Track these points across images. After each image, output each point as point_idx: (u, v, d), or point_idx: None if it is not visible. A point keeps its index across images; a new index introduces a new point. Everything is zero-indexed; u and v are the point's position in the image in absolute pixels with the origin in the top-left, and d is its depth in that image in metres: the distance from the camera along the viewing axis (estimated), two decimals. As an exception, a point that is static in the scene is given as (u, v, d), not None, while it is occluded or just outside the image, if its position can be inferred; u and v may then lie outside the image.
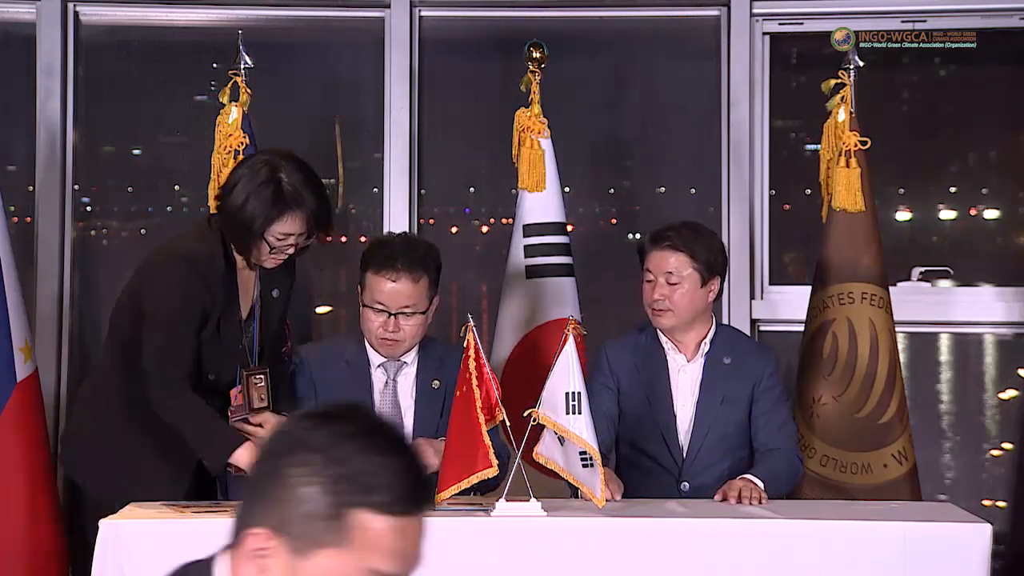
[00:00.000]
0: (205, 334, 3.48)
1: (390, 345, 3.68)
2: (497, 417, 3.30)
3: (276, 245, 3.46)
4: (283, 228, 3.45)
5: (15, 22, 5.26)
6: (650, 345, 3.86)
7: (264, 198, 3.42)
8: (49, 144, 5.15)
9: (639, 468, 3.81)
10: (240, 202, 3.43)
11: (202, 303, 3.45)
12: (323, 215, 3.50)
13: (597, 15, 5.31)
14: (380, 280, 3.63)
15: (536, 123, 4.53)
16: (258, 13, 5.30)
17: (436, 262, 3.71)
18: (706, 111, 5.26)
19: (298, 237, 3.49)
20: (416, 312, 3.65)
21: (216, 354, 3.51)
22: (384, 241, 3.77)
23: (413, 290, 3.63)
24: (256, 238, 3.44)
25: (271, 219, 3.43)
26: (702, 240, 3.82)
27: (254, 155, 3.60)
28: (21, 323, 4.44)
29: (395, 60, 5.23)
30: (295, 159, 3.55)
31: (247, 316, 3.60)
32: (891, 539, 3.16)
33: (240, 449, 3.40)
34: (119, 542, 3.12)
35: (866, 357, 4.40)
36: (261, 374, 3.57)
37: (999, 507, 5.20)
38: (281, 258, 3.52)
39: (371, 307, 3.65)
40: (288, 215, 3.44)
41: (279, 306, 3.69)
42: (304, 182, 3.48)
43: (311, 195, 3.48)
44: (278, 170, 3.46)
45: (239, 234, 3.46)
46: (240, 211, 3.43)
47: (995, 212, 5.37)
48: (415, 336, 3.69)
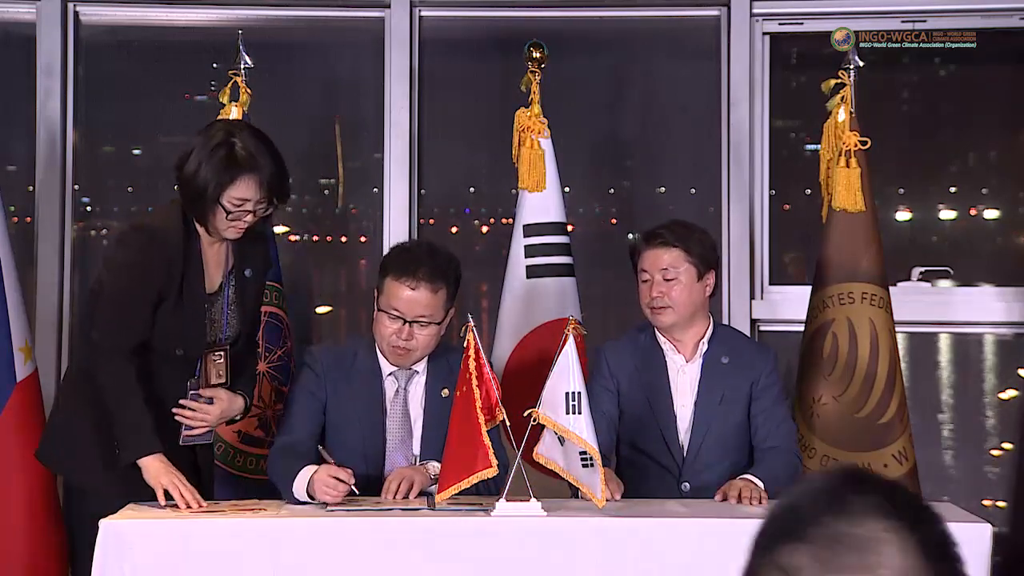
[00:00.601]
0: (166, 307, 3.43)
1: (401, 354, 3.64)
2: (497, 417, 3.30)
3: (232, 211, 3.40)
4: (238, 193, 3.40)
5: (15, 22, 5.26)
6: (649, 346, 3.86)
7: (218, 162, 3.39)
8: (49, 144, 5.15)
9: (639, 468, 3.81)
10: (195, 168, 3.40)
11: (157, 276, 3.41)
12: (279, 181, 3.45)
13: (597, 15, 5.32)
14: (399, 287, 3.59)
15: (536, 123, 4.53)
16: (258, 13, 5.30)
17: (457, 274, 3.68)
18: (706, 111, 5.26)
19: (255, 204, 3.43)
20: (432, 323, 3.61)
21: (179, 327, 3.46)
22: (407, 247, 3.74)
23: (431, 300, 3.59)
24: (211, 203, 3.39)
25: (225, 183, 3.38)
26: (694, 235, 3.83)
27: (211, 123, 3.56)
28: (21, 323, 4.44)
29: (395, 60, 5.23)
30: (251, 127, 3.52)
31: (216, 291, 3.55)
32: (891, 539, 3.16)
33: (150, 457, 3.35)
34: (119, 542, 3.12)
35: (866, 357, 4.40)
36: (220, 351, 3.54)
37: (999, 507, 5.20)
38: (241, 226, 3.45)
39: (387, 312, 3.61)
40: (242, 178, 3.39)
41: (253, 287, 3.63)
42: (259, 147, 3.43)
43: (266, 160, 3.43)
44: (233, 135, 3.43)
45: (195, 200, 3.42)
46: (195, 177, 3.40)
47: (995, 212, 5.37)
48: (427, 347, 3.65)
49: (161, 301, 3.44)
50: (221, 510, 3.34)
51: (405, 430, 3.67)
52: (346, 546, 3.16)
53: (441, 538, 3.18)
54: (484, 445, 3.22)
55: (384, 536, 3.17)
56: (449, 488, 3.27)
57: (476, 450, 3.23)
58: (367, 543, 3.17)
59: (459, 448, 3.27)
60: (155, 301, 3.43)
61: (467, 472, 3.25)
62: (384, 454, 3.65)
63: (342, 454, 3.59)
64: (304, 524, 3.19)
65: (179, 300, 3.45)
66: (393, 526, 3.20)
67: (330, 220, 5.44)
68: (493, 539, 3.19)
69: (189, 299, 3.47)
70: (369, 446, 3.64)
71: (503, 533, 3.19)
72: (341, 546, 3.16)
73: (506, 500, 3.25)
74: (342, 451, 3.61)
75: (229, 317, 3.57)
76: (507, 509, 3.23)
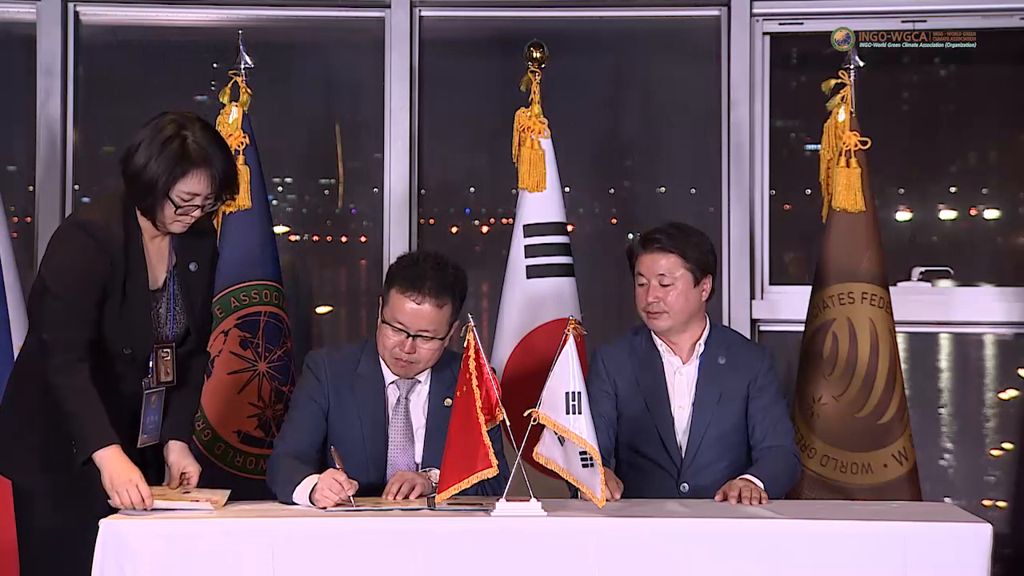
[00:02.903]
0: (111, 304, 3.37)
1: (403, 366, 3.62)
2: (497, 417, 3.30)
3: (181, 205, 3.33)
4: (188, 187, 3.33)
5: (15, 22, 5.27)
6: (645, 348, 3.86)
7: (169, 155, 3.31)
8: (49, 144, 5.15)
9: (638, 470, 3.81)
10: (144, 161, 3.32)
11: (99, 271, 3.33)
12: (229, 177, 3.39)
13: (597, 15, 5.32)
14: (404, 300, 3.56)
15: (536, 123, 4.53)
16: (258, 13, 5.31)
17: (463, 289, 3.64)
18: (706, 111, 5.27)
19: (204, 199, 3.36)
20: (435, 338, 3.58)
21: (124, 324, 3.40)
22: (414, 260, 3.67)
23: (436, 315, 3.56)
24: (161, 197, 3.32)
25: (176, 177, 3.31)
26: (691, 240, 3.81)
27: (158, 116, 3.50)
28: (21, 323, 4.44)
29: (395, 60, 5.23)
30: (201, 120, 3.43)
31: (160, 287, 3.48)
32: (891, 539, 3.16)
33: (106, 449, 3.26)
34: (119, 542, 3.12)
35: (866, 357, 4.40)
36: (168, 348, 3.48)
37: (999, 507, 5.21)
38: (187, 221, 3.39)
39: (391, 324, 3.58)
40: (193, 173, 3.32)
41: (200, 281, 3.54)
42: (211, 141, 3.37)
43: (218, 155, 3.36)
44: (184, 128, 3.35)
45: (143, 194, 3.34)
46: (144, 170, 3.32)
47: (995, 212, 5.37)
48: (430, 360, 3.62)
49: (106, 298, 3.36)
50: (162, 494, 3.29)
51: (407, 438, 3.66)
52: (346, 546, 3.16)
53: (441, 538, 3.18)
54: (484, 445, 3.22)
55: (384, 536, 3.17)
56: (449, 488, 3.27)
57: (476, 450, 3.23)
58: (367, 543, 3.17)
59: (459, 448, 3.27)
60: (100, 298, 3.35)
61: (467, 472, 3.25)
62: (386, 462, 3.64)
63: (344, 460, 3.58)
64: (304, 524, 3.19)
65: (123, 297, 3.37)
66: (393, 526, 3.20)
67: (330, 220, 5.44)
68: (493, 539, 3.19)
69: (133, 295, 3.39)
70: (371, 454, 3.63)
71: (503, 533, 3.19)
72: (341, 546, 3.16)
73: (506, 500, 3.25)
74: (344, 457, 3.59)
75: (176, 313, 3.50)
76: (507, 509, 3.23)
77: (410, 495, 3.43)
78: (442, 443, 3.43)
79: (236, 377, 4.45)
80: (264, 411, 4.48)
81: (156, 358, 3.46)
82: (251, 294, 4.51)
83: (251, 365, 4.48)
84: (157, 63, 5.34)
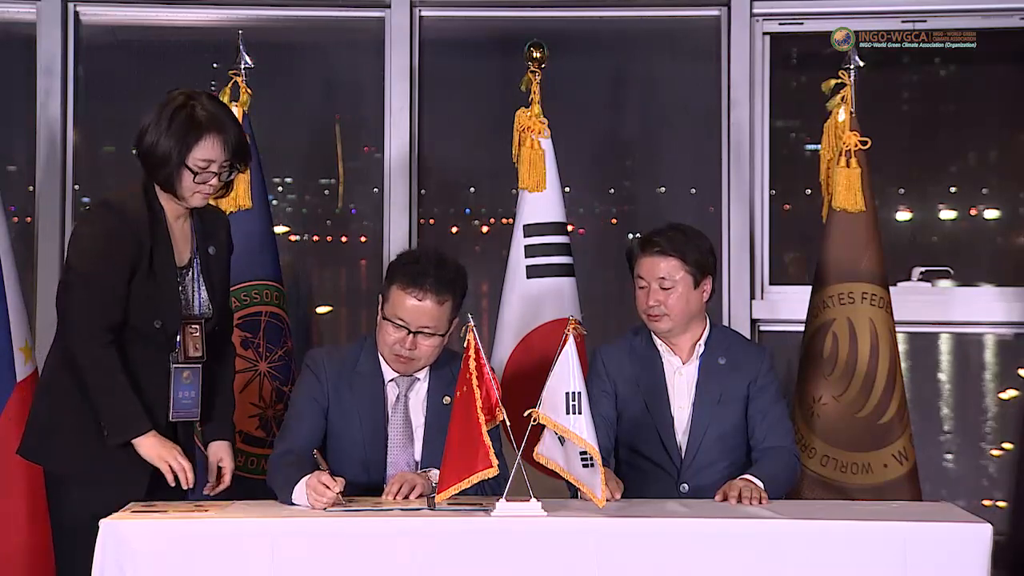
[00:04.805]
0: (139, 279, 3.42)
1: (404, 362, 3.63)
2: (497, 417, 3.30)
3: (199, 171, 3.41)
4: (203, 153, 3.41)
5: (15, 22, 5.27)
6: (645, 349, 3.86)
7: (180, 124, 3.40)
8: (49, 144, 5.15)
9: (638, 471, 3.81)
10: (157, 135, 3.41)
11: (125, 249, 3.40)
12: (241, 143, 3.47)
13: (597, 15, 5.32)
14: (405, 297, 3.58)
15: (536, 123, 4.53)
16: (258, 13, 5.31)
17: (463, 286, 3.66)
18: (706, 111, 5.27)
19: (220, 166, 3.44)
20: (435, 334, 3.60)
21: (154, 299, 3.45)
22: (415, 257, 3.69)
23: (437, 312, 3.58)
24: (177, 166, 3.40)
25: (190, 144, 3.40)
26: (691, 242, 3.81)
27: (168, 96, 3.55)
28: (21, 323, 4.44)
29: (395, 60, 5.24)
30: (208, 94, 3.54)
31: (186, 265, 3.54)
32: (891, 539, 3.16)
33: (144, 437, 3.36)
34: (119, 542, 3.12)
35: (866, 357, 4.40)
36: (197, 324, 3.54)
37: (999, 507, 5.21)
38: (206, 191, 3.46)
39: (391, 321, 3.60)
40: (207, 138, 3.41)
41: (218, 265, 3.62)
42: (219, 108, 3.47)
43: (228, 120, 3.46)
44: (192, 98, 3.45)
45: (159, 166, 3.42)
46: (157, 143, 3.41)
47: (995, 212, 5.37)
48: (430, 357, 3.64)
49: (133, 274, 3.41)
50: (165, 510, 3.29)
51: (406, 436, 3.66)
52: (346, 546, 3.16)
53: (441, 538, 3.18)
54: (484, 445, 3.22)
55: (384, 536, 3.17)
56: (449, 488, 3.27)
57: (476, 450, 3.23)
58: (367, 543, 3.17)
59: (459, 448, 3.27)
60: (128, 275, 3.41)
61: (467, 472, 3.25)
62: (386, 460, 3.65)
63: (343, 459, 3.58)
64: (304, 524, 3.20)
65: (151, 272, 3.43)
66: (393, 526, 3.20)
67: (330, 220, 5.44)
68: (493, 539, 3.19)
69: (161, 270, 3.45)
70: (371, 452, 3.63)
71: (503, 533, 3.19)
72: (341, 546, 3.16)
73: (506, 500, 3.25)
74: (343, 456, 3.60)
75: (200, 291, 3.56)
76: (507, 509, 3.23)
77: (410, 495, 3.43)
78: (441, 441, 3.44)
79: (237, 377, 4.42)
80: (265, 411, 4.48)
81: (184, 334, 3.52)
82: (251, 294, 4.51)
83: (252, 365, 4.48)
84: (157, 63, 5.34)
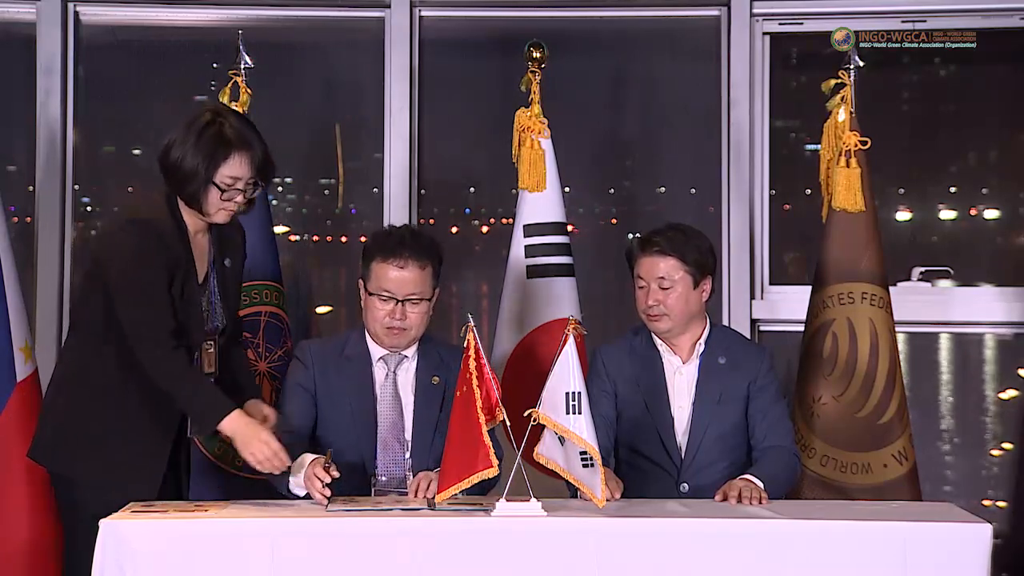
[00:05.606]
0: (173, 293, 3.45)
1: (397, 334, 3.70)
2: (497, 417, 3.30)
3: (226, 188, 3.43)
4: (231, 170, 3.43)
5: (15, 22, 5.27)
6: (645, 348, 3.86)
7: (208, 141, 3.42)
8: (49, 144, 5.15)
9: (638, 470, 3.81)
10: (183, 151, 3.43)
11: (165, 262, 3.43)
12: (267, 161, 3.50)
13: (597, 15, 5.32)
14: (388, 268, 3.68)
15: (536, 123, 4.53)
16: (258, 13, 5.31)
17: (439, 253, 3.77)
18: (706, 111, 5.27)
19: (246, 183, 3.46)
20: (422, 299, 3.70)
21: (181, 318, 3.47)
22: (388, 231, 3.82)
23: (420, 277, 3.68)
24: (204, 183, 3.42)
25: (218, 161, 3.42)
26: (690, 242, 3.81)
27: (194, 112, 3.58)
28: (21, 323, 4.44)
29: (395, 60, 5.24)
30: (234, 111, 3.57)
31: (203, 282, 3.57)
32: (891, 539, 3.16)
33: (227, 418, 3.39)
34: (119, 542, 3.12)
35: (866, 357, 4.40)
36: (211, 341, 3.57)
37: (999, 507, 5.21)
38: (232, 208, 3.48)
39: (377, 295, 3.69)
40: (235, 155, 3.43)
41: (233, 278, 3.66)
42: (246, 127, 3.49)
43: (255, 139, 3.49)
44: (219, 115, 3.48)
45: (185, 183, 3.44)
46: (185, 159, 3.43)
47: (995, 212, 5.37)
48: (420, 325, 3.72)
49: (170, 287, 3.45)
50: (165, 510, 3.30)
51: (396, 413, 3.72)
52: (346, 546, 3.16)
53: (441, 538, 3.18)
54: (485, 445, 3.22)
55: (384, 536, 3.17)
56: (449, 488, 3.27)
57: (476, 450, 3.23)
58: (367, 543, 3.17)
59: (459, 448, 3.27)
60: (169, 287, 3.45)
61: (467, 472, 3.25)
62: (376, 438, 3.68)
63: (335, 439, 3.65)
64: (304, 524, 3.20)
65: (180, 291, 3.47)
66: (393, 526, 3.20)
67: (330, 220, 5.44)
68: (493, 539, 3.19)
69: (188, 290, 3.49)
70: (361, 430, 3.69)
71: (503, 533, 3.19)
72: (341, 546, 3.16)
73: (506, 500, 3.25)
74: (335, 436, 3.67)
75: (216, 307, 3.59)
76: (507, 509, 3.23)
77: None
78: (431, 418, 3.59)
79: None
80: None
81: (200, 351, 3.56)
82: (251, 294, 4.51)
83: (252, 365, 4.47)
84: (157, 63, 5.34)
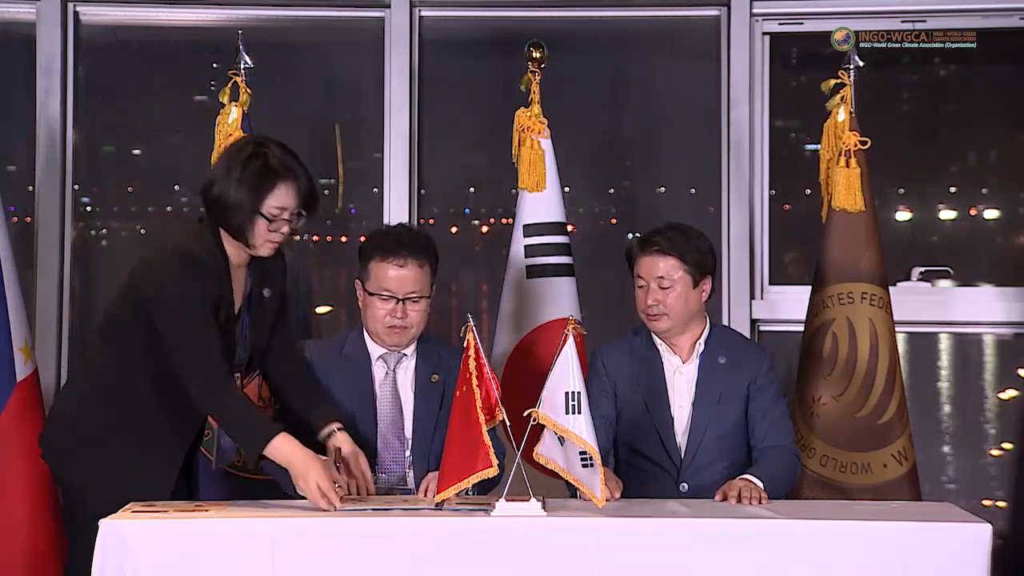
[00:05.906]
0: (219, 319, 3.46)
1: (398, 332, 3.72)
2: (497, 417, 3.30)
3: (273, 218, 3.41)
4: (277, 201, 3.41)
5: (15, 22, 5.27)
6: (645, 348, 3.86)
7: (254, 172, 3.40)
8: (49, 144, 5.15)
9: (638, 470, 3.81)
10: (230, 185, 3.40)
11: (208, 295, 3.41)
12: (312, 191, 3.49)
13: (597, 15, 5.32)
14: (387, 267, 3.69)
15: (536, 123, 4.53)
16: (258, 13, 5.31)
17: (435, 251, 3.78)
18: (706, 111, 5.27)
19: (292, 213, 3.45)
20: (422, 297, 3.72)
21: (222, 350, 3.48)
22: (385, 231, 3.83)
23: (419, 275, 3.71)
24: (250, 215, 3.39)
25: (265, 191, 3.39)
26: (690, 242, 3.81)
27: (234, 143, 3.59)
28: (21, 323, 4.45)
29: (395, 60, 5.24)
30: (276, 141, 3.53)
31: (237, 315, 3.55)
32: (891, 539, 3.16)
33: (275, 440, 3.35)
34: (119, 542, 3.12)
35: (866, 357, 4.40)
36: (236, 373, 3.57)
37: (999, 507, 5.21)
38: (277, 239, 3.46)
39: (377, 295, 3.71)
40: (281, 185, 3.41)
41: (270, 308, 3.64)
42: (289, 157, 3.47)
43: (300, 168, 3.47)
44: (263, 146, 3.46)
45: (234, 215, 3.41)
46: (228, 191, 3.40)
47: (995, 212, 5.37)
48: (420, 323, 3.74)
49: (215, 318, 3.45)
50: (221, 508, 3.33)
51: (396, 411, 3.73)
52: (346, 546, 3.16)
53: (441, 538, 3.18)
54: (484, 445, 3.22)
55: (384, 536, 3.17)
56: (449, 488, 3.27)
57: (476, 450, 3.23)
58: (367, 543, 3.17)
59: (459, 448, 3.27)
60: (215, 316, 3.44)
61: (467, 472, 3.25)
62: (376, 436, 3.70)
63: None
64: (304, 524, 3.20)
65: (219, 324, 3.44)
66: (393, 526, 3.20)
67: (330, 220, 5.44)
68: (493, 539, 3.19)
69: (226, 322, 3.48)
70: (362, 429, 3.70)
71: (503, 533, 3.19)
72: (341, 546, 3.16)
73: (506, 500, 3.25)
74: None
75: (246, 340, 3.57)
76: (507, 509, 3.24)
77: None
78: (431, 416, 3.61)
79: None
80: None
81: None
82: (251, 294, 4.50)
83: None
84: (157, 63, 5.34)
